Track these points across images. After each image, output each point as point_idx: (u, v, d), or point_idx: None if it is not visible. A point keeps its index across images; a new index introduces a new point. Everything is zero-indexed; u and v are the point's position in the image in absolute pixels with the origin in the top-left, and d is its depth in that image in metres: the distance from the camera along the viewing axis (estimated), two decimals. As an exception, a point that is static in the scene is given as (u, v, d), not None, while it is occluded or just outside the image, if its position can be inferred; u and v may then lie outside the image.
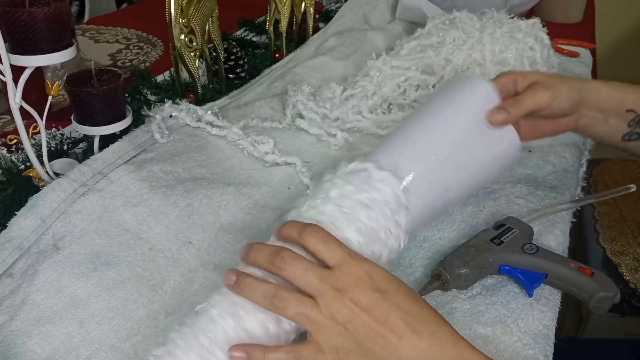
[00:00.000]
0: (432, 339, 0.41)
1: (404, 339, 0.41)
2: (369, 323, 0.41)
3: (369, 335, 0.41)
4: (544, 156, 0.73)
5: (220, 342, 0.42)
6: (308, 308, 0.42)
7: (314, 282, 0.42)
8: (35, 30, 0.54)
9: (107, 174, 0.62)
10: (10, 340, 0.47)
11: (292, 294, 0.42)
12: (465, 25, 0.86)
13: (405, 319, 0.41)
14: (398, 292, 0.42)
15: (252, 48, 1.05)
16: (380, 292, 0.42)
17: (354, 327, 0.41)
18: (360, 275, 0.42)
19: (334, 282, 0.42)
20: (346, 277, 0.42)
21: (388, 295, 0.42)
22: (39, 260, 0.53)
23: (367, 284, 0.42)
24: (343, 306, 0.41)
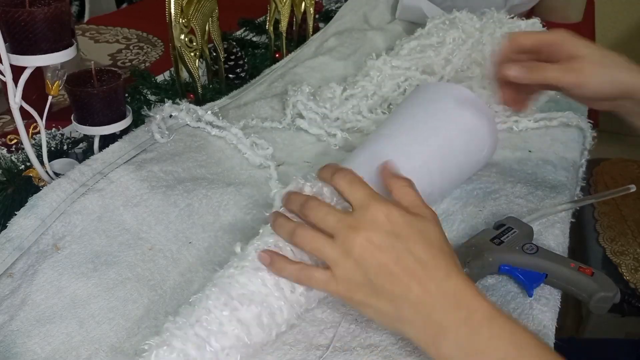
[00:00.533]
0: (439, 287, 0.42)
1: (413, 281, 0.42)
2: (381, 261, 0.43)
3: (379, 272, 0.43)
4: (544, 156, 0.73)
5: (215, 332, 0.43)
6: (323, 243, 0.45)
7: (333, 223, 0.45)
8: (35, 30, 0.54)
9: (107, 174, 0.62)
10: (10, 340, 0.47)
11: (310, 230, 0.45)
12: (465, 25, 0.86)
13: (414, 265, 0.42)
14: (412, 237, 0.43)
15: (252, 48, 1.05)
16: (394, 234, 0.43)
17: (366, 263, 0.43)
18: (378, 217, 0.44)
19: (351, 222, 0.44)
20: (364, 217, 0.44)
21: (402, 239, 0.43)
22: (39, 260, 0.53)
23: (383, 225, 0.44)
24: (357, 243, 0.43)
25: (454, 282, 0.42)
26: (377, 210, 0.44)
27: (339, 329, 0.49)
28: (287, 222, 0.47)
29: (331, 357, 0.47)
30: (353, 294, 0.44)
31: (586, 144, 0.77)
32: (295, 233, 0.46)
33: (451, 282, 0.42)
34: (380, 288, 0.43)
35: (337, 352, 0.47)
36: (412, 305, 0.42)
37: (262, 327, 0.45)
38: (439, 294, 0.42)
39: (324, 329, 0.49)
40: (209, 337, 0.43)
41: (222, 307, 0.44)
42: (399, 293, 0.43)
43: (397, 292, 0.43)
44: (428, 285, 0.42)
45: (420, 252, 0.43)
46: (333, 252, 0.44)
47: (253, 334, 0.44)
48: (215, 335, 0.43)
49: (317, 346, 0.47)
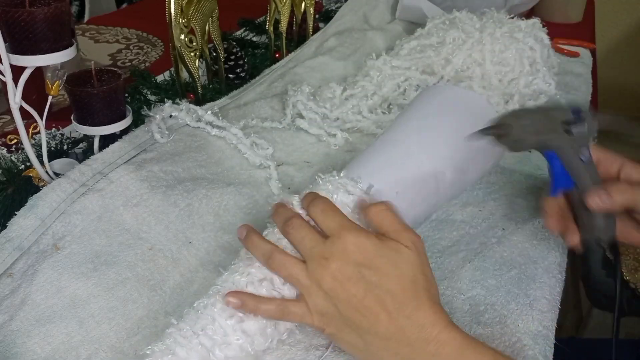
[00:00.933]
0: (408, 320, 0.41)
1: (382, 314, 0.42)
2: (350, 295, 0.42)
3: (349, 306, 0.42)
4: (544, 156, 0.73)
5: (220, 342, 0.42)
6: (298, 271, 0.44)
7: (307, 248, 0.44)
8: (35, 30, 0.54)
9: (107, 174, 0.62)
10: (10, 340, 0.47)
11: (286, 256, 0.45)
12: (465, 25, 0.86)
13: (384, 298, 0.42)
14: (383, 268, 0.42)
15: (252, 48, 1.05)
16: (364, 266, 0.42)
17: (336, 296, 0.43)
18: (348, 247, 0.43)
19: (323, 250, 0.43)
20: (335, 247, 0.43)
21: (372, 270, 0.42)
22: (39, 260, 0.53)
23: (353, 256, 0.43)
24: (327, 274, 0.43)
25: (423, 315, 0.42)
26: (348, 240, 0.43)
27: (339, 329, 0.49)
28: (263, 244, 0.46)
29: (331, 357, 0.47)
30: (326, 326, 0.44)
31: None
32: (270, 257, 0.45)
33: (420, 315, 0.42)
34: (350, 321, 0.43)
35: (337, 352, 0.47)
36: (381, 340, 0.42)
37: (265, 337, 0.45)
38: (407, 327, 0.41)
39: (323, 329, 0.49)
40: (214, 347, 0.42)
41: (227, 317, 0.44)
42: (367, 326, 0.42)
43: (366, 326, 0.42)
44: (397, 318, 0.41)
45: (390, 284, 0.42)
46: (305, 281, 0.44)
47: (256, 343, 0.44)
48: (220, 346, 0.43)
49: (317, 346, 0.47)
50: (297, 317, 0.45)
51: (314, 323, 0.45)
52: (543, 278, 0.54)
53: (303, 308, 0.44)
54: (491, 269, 0.56)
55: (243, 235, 0.48)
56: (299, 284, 0.45)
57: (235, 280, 0.46)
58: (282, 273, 0.45)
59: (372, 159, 0.56)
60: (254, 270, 0.46)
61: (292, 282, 0.45)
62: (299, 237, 0.45)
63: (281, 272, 0.45)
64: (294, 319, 0.45)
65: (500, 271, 0.55)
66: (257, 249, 0.46)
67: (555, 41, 1.06)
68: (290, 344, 0.48)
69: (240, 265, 0.47)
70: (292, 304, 0.45)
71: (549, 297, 0.53)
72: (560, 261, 0.57)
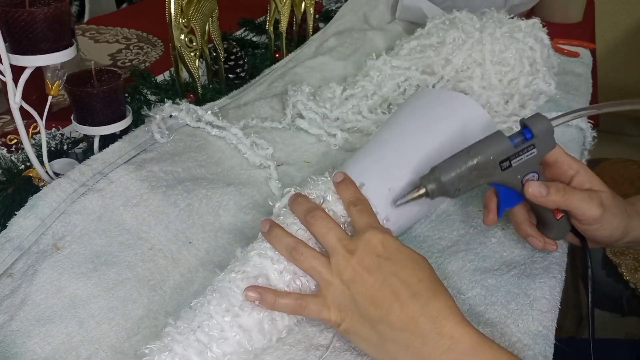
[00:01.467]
0: (421, 310, 0.41)
1: (394, 305, 0.42)
2: (367, 285, 0.43)
3: (365, 296, 0.43)
4: (544, 156, 0.73)
5: (217, 338, 0.43)
6: (320, 264, 0.45)
7: (332, 241, 0.46)
8: (35, 30, 0.54)
9: (107, 174, 0.62)
10: (10, 340, 0.47)
11: (309, 249, 0.46)
12: (465, 25, 0.86)
13: (399, 287, 0.42)
14: (401, 261, 0.44)
15: (252, 48, 1.05)
16: (384, 258, 0.44)
17: (355, 287, 0.43)
18: (372, 242, 0.45)
19: (348, 244, 0.45)
20: (362, 241, 0.45)
21: (390, 263, 0.44)
22: (39, 260, 0.53)
23: (375, 249, 0.44)
24: (349, 266, 0.44)
25: (437, 307, 0.41)
26: (374, 236, 0.45)
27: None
28: (286, 236, 0.47)
29: (331, 357, 0.47)
30: (342, 321, 0.45)
31: (586, 144, 0.77)
32: (295, 249, 0.46)
33: (434, 306, 0.42)
34: (365, 312, 0.43)
35: (337, 352, 0.47)
36: (393, 330, 0.42)
37: (263, 333, 0.45)
38: (420, 318, 0.41)
39: (324, 329, 0.49)
40: (211, 343, 0.43)
41: (223, 313, 0.44)
42: (380, 316, 0.42)
43: (379, 316, 0.42)
44: (410, 307, 0.41)
45: (407, 274, 0.43)
46: (327, 274, 0.45)
47: (254, 339, 0.44)
48: (217, 341, 0.43)
49: (317, 346, 0.47)
50: (314, 312, 0.45)
51: (331, 318, 0.45)
52: (543, 278, 0.54)
53: (320, 303, 0.45)
54: (491, 269, 0.56)
55: (266, 229, 0.48)
56: (320, 277, 0.45)
57: (231, 278, 0.46)
58: (305, 265, 0.46)
59: (362, 158, 0.56)
60: (249, 268, 0.47)
61: (314, 274, 0.46)
62: (323, 230, 0.46)
63: (304, 265, 0.46)
64: (311, 313, 0.45)
65: (500, 271, 0.55)
66: (281, 242, 0.47)
67: (555, 41, 1.06)
68: (290, 344, 0.48)
69: (236, 264, 0.48)
70: (310, 299, 0.45)
71: (549, 297, 0.53)
72: (560, 261, 0.57)
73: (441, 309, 0.42)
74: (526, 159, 0.49)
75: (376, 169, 0.54)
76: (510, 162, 0.49)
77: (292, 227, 0.49)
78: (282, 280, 0.46)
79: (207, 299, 0.45)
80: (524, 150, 0.49)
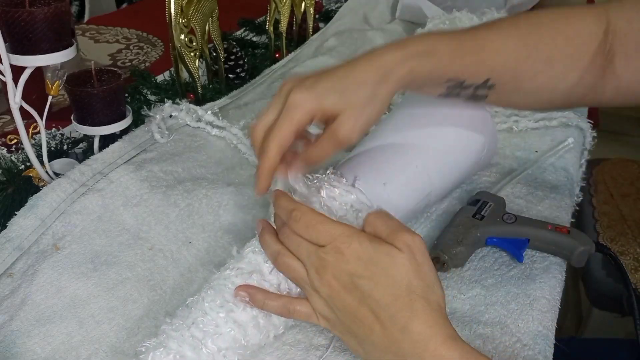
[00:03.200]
0: (401, 334, 0.40)
1: (376, 326, 0.41)
2: (346, 302, 0.42)
3: (346, 314, 0.42)
4: (544, 156, 0.73)
5: (212, 333, 0.43)
6: (301, 275, 0.44)
7: (304, 257, 0.44)
8: (35, 30, 0.54)
9: (107, 174, 0.62)
10: (10, 340, 0.47)
11: (291, 259, 0.45)
12: (465, 25, 0.86)
13: (376, 309, 0.40)
14: (375, 277, 0.41)
15: (252, 48, 1.05)
16: (357, 275, 0.41)
17: (334, 304, 0.43)
18: (342, 257, 0.42)
19: (318, 260, 0.43)
20: (329, 256, 0.42)
21: (365, 281, 0.41)
22: (39, 260, 0.53)
23: (346, 266, 0.41)
24: (323, 284, 0.43)
25: (417, 330, 0.39)
26: (341, 249, 0.42)
27: (339, 329, 0.49)
28: (273, 243, 0.46)
29: (331, 357, 0.47)
30: (332, 328, 0.45)
31: (586, 144, 0.77)
32: (277, 259, 0.46)
33: (415, 329, 0.39)
34: (349, 328, 0.43)
35: (337, 352, 0.47)
36: (378, 350, 0.41)
37: (258, 328, 0.45)
38: (402, 341, 0.40)
39: (324, 329, 0.49)
40: (205, 339, 0.43)
41: (217, 309, 0.44)
42: (364, 336, 0.42)
43: (362, 335, 0.42)
44: (391, 330, 0.40)
45: (382, 294, 0.40)
46: (308, 287, 0.44)
47: (250, 335, 0.45)
48: (212, 337, 0.43)
49: (317, 346, 0.47)
50: (302, 315, 0.45)
51: (321, 323, 0.45)
52: (543, 278, 0.54)
53: (309, 308, 0.45)
54: (491, 269, 0.56)
55: (258, 231, 0.48)
56: (302, 287, 0.45)
57: (225, 275, 0.47)
58: (287, 275, 0.46)
59: (356, 156, 0.56)
60: (244, 265, 0.47)
61: (298, 284, 0.46)
62: (294, 244, 0.45)
63: (286, 274, 0.46)
64: (300, 317, 0.45)
65: (500, 271, 0.55)
66: (267, 249, 0.47)
67: (555, 41, 1.06)
68: (290, 344, 0.48)
69: (231, 262, 0.48)
70: (299, 303, 0.45)
71: (549, 297, 0.53)
72: (561, 261, 0.57)
73: (422, 331, 0.39)
74: (490, 209, 0.58)
75: (369, 164, 0.54)
76: (481, 214, 0.58)
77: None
78: (275, 277, 0.47)
79: (201, 295, 0.46)
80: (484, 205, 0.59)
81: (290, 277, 0.46)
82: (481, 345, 0.48)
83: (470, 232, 0.56)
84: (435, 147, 0.57)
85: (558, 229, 0.56)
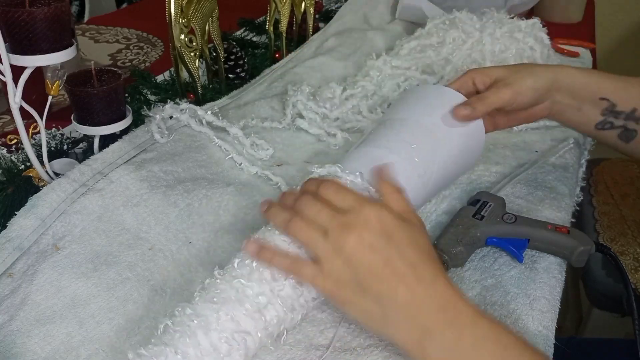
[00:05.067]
0: (426, 290, 0.42)
1: (401, 284, 0.42)
2: (372, 261, 0.43)
3: (368, 272, 0.43)
4: (544, 156, 0.73)
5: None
6: (317, 235, 0.45)
7: (326, 219, 0.45)
8: (35, 30, 0.54)
9: (107, 174, 0.62)
10: (10, 340, 0.47)
11: (306, 221, 0.45)
12: (465, 25, 0.86)
13: (404, 266, 0.43)
14: (403, 241, 0.44)
15: (252, 48, 1.05)
16: (386, 236, 0.43)
17: (357, 262, 0.43)
18: (369, 218, 0.44)
19: (344, 220, 0.44)
20: (357, 217, 0.44)
21: (393, 242, 0.43)
22: (39, 260, 0.53)
23: (375, 226, 0.44)
24: (349, 241, 0.43)
25: (441, 286, 0.43)
26: (370, 211, 0.44)
27: (339, 329, 0.49)
28: (282, 211, 0.47)
29: (331, 357, 0.47)
30: (339, 291, 0.44)
31: (586, 144, 0.77)
32: (290, 222, 0.46)
33: (438, 286, 0.43)
34: (368, 287, 0.43)
35: (337, 352, 0.47)
36: (399, 307, 0.42)
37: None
38: (425, 297, 0.42)
39: (324, 329, 0.49)
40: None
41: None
42: (386, 294, 0.42)
43: (385, 293, 0.43)
44: (416, 288, 0.42)
45: (410, 255, 0.43)
46: (324, 247, 0.44)
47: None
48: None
49: (317, 346, 0.47)
50: (308, 277, 0.45)
51: (325, 286, 0.44)
52: (543, 278, 0.54)
53: (316, 270, 0.44)
54: (491, 269, 0.56)
55: (264, 209, 0.49)
56: (317, 247, 0.45)
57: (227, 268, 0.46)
58: (301, 236, 0.46)
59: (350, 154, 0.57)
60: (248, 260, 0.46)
61: (311, 246, 0.45)
62: (314, 211, 0.45)
63: (300, 236, 0.46)
64: (305, 278, 0.45)
65: (500, 271, 0.55)
66: (277, 217, 0.47)
67: (556, 41, 1.06)
68: (290, 344, 0.48)
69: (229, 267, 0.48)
70: (306, 264, 0.45)
71: (549, 297, 0.53)
72: (561, 261, 0.57)
73: (444, 287, 0.43)
74: (489, 209, 0.58)
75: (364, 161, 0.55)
76: (481, 214, 0.58)
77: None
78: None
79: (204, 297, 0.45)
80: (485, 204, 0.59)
81: (303, 239, 0.45)
82: (481, 345, 0.48)
83: (470, 232, 0.56)
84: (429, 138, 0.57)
85: (558, 229, 0.56)
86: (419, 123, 0.57)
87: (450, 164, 0.59)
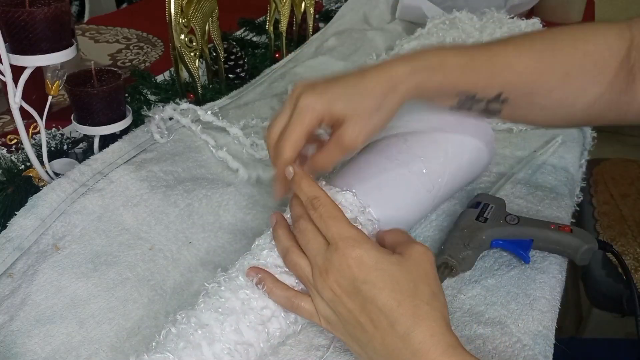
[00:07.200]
0: (402, 342, 0.39)
1: (377, 333, 0.41)
2: (348, 308, 0.42)
3: (348, 318, 0.42)
4: (544, 156, 0.73)
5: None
6: (307, 274, 0.45)
7: (311, 255, 0.44)
8: (35, 30, 0.54)
9: (107, 174, 0.62)
10: (10, 340, 0.47)
11: (299, 257, 0.45)
12: (465, 25, 0.86)
13: (377, 315, 0.40)
14: (379, 283, 0.41)
15: (252, 48, 1.05)
16: (361, 280, 0.41)
17: (336, 307, 0.43)
18: (346, 261, 0.42)
19: (323, 261, 0.43)
20: (334, 259, 0.43)
21: (367, 286, 0.41)
22: (39, 260, 0.53)
23: (350, 270, 0.42)
24: (326, 286, 0.43)
25: (418, 338, 0.39)
26: (346, 253, 0.42)
27: (339, 329, 0.49)
28: (285, 239, 0.47)
29: (331, 357, 0.47)
30: (333, 330, 0.45)
31: (586, 144, 0.77)
32: (286, 256, 0.46)
33: (415, 337, 0.39)
34: (351, 333, 0.43)
35: (337, 352, 0.47)
36: (379, 356, 0.41)
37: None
38: (401, 350, 0.40)
39: (324, 329, 0.49)
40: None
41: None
42: (366, 341, 0.42)
43: (364, 341, 0.42)
44: (390, 338, 0.40)
45: (385, 299, 0.40)
46: (311, 288, 0.44)
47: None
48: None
49: (317, 346, 0.47)
50: (305, 313, 0.45)
51: (322, 324, 0.45)
52: (543, 278, 0.54)
53: (313, 307, 0.45)
54: (491, 269, 0.56)
55: (272, 224, 0.49)
56: (308, 287, 0.45)
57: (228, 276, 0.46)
58: (294, 272, 0.46)
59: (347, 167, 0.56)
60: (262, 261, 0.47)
61: (303, 283, 0.46)
62: (304, 241, 0.45)
63: (294, 272, 0.46)
64: (304, 314, 0.45)
65: (500, 271, 0.55)
66: (279, 244, 0.47)
67: (555, 41, 1.06)
68: (290, 344, 0.48)
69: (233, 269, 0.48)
70: (304, 300, 0.45)
71: (549, 297, 0.53)
72: (561, 261, 0.57)
73: (422, 341, 0.39)
74: (492, 211, 0.58)
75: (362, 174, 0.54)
76: (485, 216, 0.57)
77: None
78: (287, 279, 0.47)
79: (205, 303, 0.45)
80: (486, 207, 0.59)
81: (297, 275, 0.46)
82: (481, 345, 0.48)
83: (476, 235, 0.55)
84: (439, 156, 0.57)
85: (561, 228, 0.56)
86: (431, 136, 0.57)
87: (458, 177, 0.59)
